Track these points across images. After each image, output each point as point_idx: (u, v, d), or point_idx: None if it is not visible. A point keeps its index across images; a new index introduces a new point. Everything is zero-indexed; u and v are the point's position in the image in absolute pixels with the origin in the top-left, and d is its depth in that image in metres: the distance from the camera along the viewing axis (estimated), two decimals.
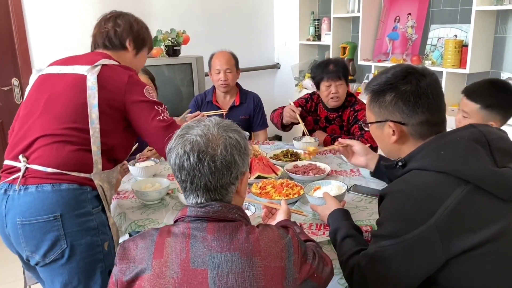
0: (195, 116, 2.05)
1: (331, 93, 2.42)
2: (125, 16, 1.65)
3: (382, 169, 1.60)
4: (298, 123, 2.47)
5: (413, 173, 1.12)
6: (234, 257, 0.91)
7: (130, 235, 1.71)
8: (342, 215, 1.38)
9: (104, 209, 1.46)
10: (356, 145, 1.68)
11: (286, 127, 2.59)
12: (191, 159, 0.95)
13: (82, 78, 1.43)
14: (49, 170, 1.35)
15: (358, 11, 3.49)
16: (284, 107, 2.53)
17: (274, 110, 2.66)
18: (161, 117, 1.51)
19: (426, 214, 1.03)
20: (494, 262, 1.03)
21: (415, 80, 1.15)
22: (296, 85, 4.16)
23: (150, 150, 2.19)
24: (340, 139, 1.75)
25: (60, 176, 1.36)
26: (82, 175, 1.39)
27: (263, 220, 1.43)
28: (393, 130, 1.19)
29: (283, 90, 4.51)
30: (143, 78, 2.18)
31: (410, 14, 3.26)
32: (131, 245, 0.98)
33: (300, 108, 2.48)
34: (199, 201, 0.99)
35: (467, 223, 1.02)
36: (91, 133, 1.40)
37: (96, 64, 1.45)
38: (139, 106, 1.47)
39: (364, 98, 3.28)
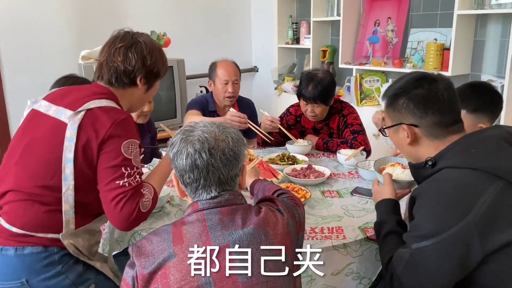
0: None
1: (307, 111, 2.41)
2: (138, 45, 1.36)
3: None
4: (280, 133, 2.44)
5: (445, 171, 1.13)
6: (251, 230, 0.99)
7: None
8: (391, 207, 1.34)
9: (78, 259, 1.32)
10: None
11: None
12: (204, 156, 1.00)
13: (62, 126, 1.23)
14: (14, 230, 1.23)
15: (338, 15, 3.52)
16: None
17: None
18: (121, 182, 1.21)
19: (463, 211, 1.03)
20: None
21: (427, 84, 1.21)
22: (276, 88, 4.15)
23: None
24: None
25: (23, 239, 1.23)
26: (50, 235, 1.24)
27: None
28: (407, 133, 1.22)
29: (262, 93, 4.48)
30: None
31: (390, 18, 3.32)
32: (145, 243, 1.00)
33: (278, 119, 2.43)
34: (212, 195, 1.04)
35: (503, 218, 1.04)
36: (63, 190, 1.23)
37: (79, 110, 1.23)
38: (107, 156, 1.22)
39: (348, 100, 3.30)
